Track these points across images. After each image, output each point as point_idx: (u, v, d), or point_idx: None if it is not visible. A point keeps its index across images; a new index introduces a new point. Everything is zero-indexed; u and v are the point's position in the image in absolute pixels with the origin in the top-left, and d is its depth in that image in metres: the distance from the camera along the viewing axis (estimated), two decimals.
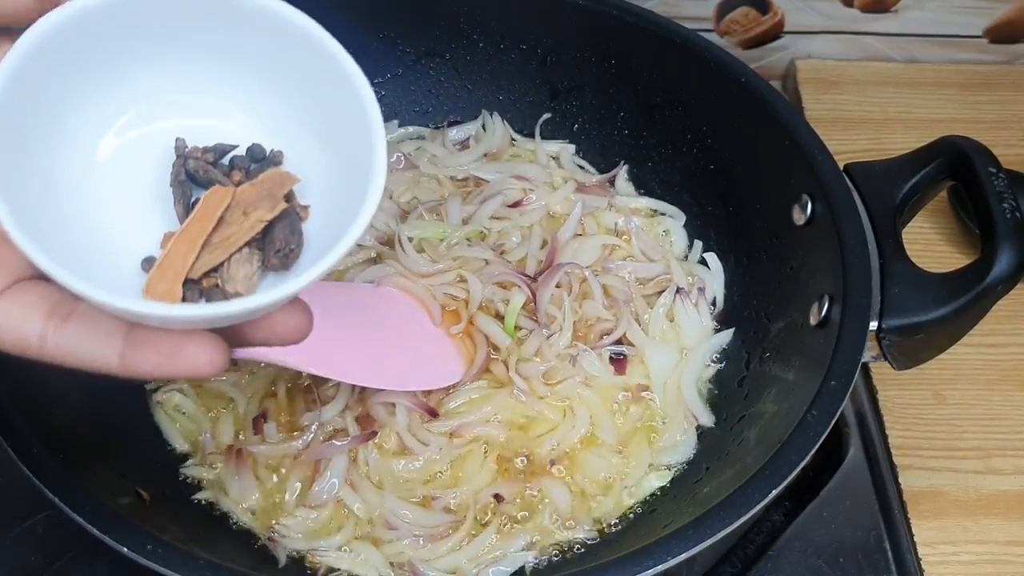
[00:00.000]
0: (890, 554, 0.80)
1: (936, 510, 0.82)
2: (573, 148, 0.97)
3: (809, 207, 0.76)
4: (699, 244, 0.90)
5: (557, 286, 0.83)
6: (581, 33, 0.91)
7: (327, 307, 0.77)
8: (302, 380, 0.78)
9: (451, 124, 0.98)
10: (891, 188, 0.74)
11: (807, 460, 0.62)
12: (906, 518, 0.81)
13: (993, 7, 1.12)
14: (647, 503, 0.76)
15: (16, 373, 0.65)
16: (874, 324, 0.68)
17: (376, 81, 0.97)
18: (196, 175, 0.48)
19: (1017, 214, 0.68)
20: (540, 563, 0.72)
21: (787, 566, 0.78)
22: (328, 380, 0.77)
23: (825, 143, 0.77)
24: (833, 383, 0.65)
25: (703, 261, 0.89)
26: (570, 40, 0.92)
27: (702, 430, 0.79)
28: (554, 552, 0.72)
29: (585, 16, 0.89)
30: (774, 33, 1.15)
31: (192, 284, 0.46)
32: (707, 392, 0.82)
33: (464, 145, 0.97)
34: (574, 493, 0.75)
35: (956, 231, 1.01)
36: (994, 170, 0.70)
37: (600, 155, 0.96)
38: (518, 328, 0.82)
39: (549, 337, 0.81)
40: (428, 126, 0.99)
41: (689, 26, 0.88)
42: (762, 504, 0.60)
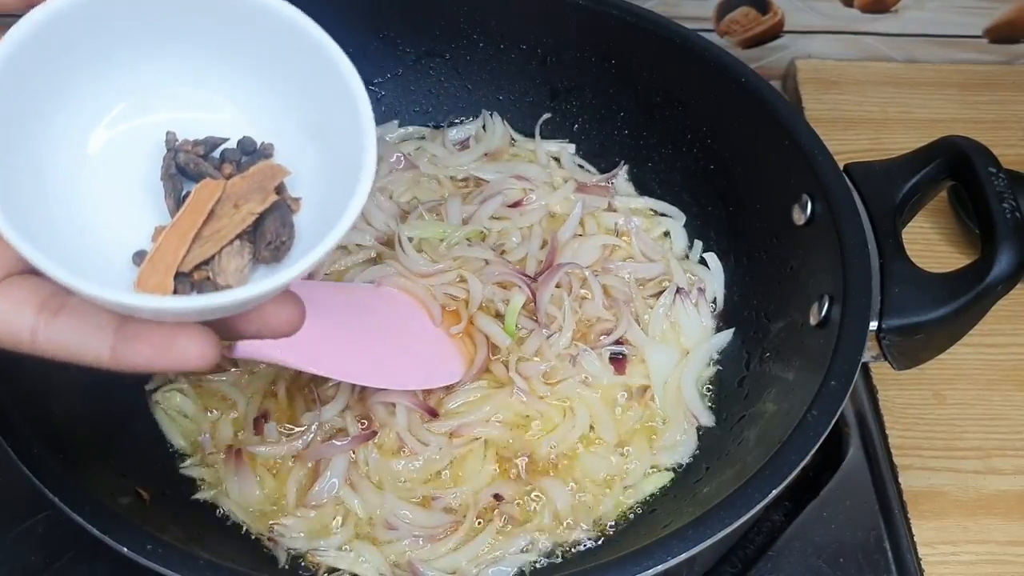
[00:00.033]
0: (890, 554, 0.80)
1: (936, 510, 0.82)
2: (573, 148, 0.97)
3: (809, 207, 0.76)
4: (699, 244, 0.90)
5: (557, 286, 0.83)
6: (581, 33, 0.91)
7: (327, 307, 0.77)
8: (302, 380, 0.78)
9: (451, 124, 0.98)
10: (891, 188, 0.74)
11: (807, 460, 0.62)
12: (906, 518, 0.81)
13: (993, 7, 1.12)
14: (647, 503, 0.76)
15: (16, 373, 0.65)
16: (874, 324, 0.68)
17: (376, 81, 0.97)
18: (187, 168, 0.48)
19: (1017, 214, 0.68)
20: (540, 563, 0.72)
21: (787, 566, 0.78)
22: (328, 380, 0.77)
23: (825, 143, 0.77)
24: (833, 383, 0.65)
25: (703, 261, 0.89)
26: (570, 40, 0.92)
27: (702, 430, 0.79)
28: (554, 552, 0.73)
29: (585, 16, 0.89)
30: (774, 33, 1.15)
31: (183, 277, 0.45)
32: (707, 392, 0.82)
33: (464, 145, 0.97)
34: (574, 493, 0.75)
35: (956, 231, 1.01)
36: (994, 170, 0.70)
37: (600, 155, 0.96)
38: (518, 328, 0.82)
39: (549, 337, 0.81)
40: (428, 126, 0.99)
41: (689, 26, 0.88)
42: (762, 504, 0.60)
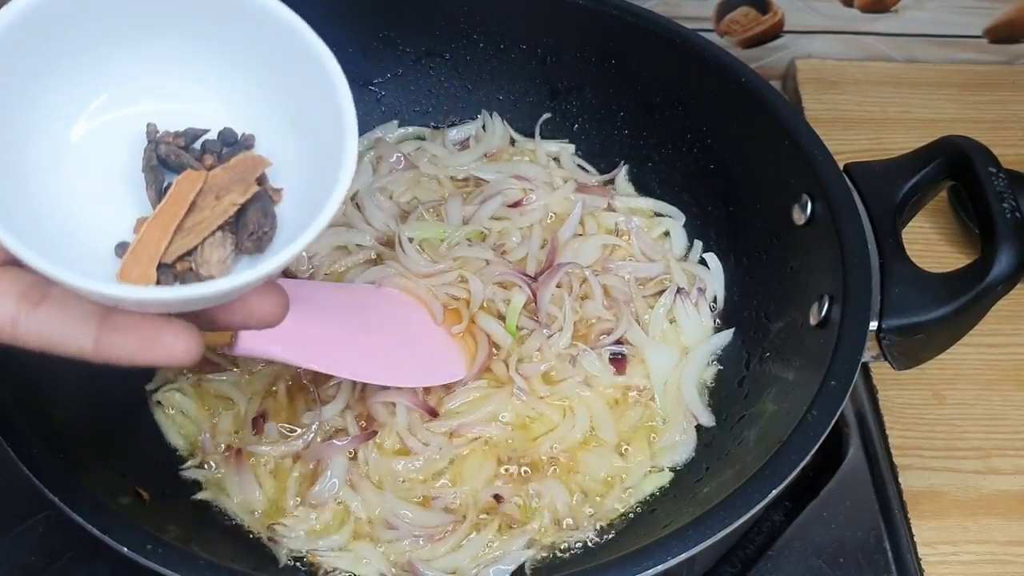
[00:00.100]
0: (890, 554, 0.80)
1: (936, 510, 0.82)
2: (573, 148, 0.96)
3: (809, 207, 0.76)
4: (699, 244, 0.90)
5: (558, 286, 0.83)
6: (581, 33, 0.91)
7: (328, 306, 0.77)
8: (302, 380, 0.78)
9: (451, 124, 0.98)
10: (891, 188, 0.74)
11: (807, 460, 0.62)
12: (906, 518, 0.81)
13: (993, 7, 1.12)
14: (647, 503, 0.76)
15: (16, 373, 0.65)
16: (874, 324, 0.68)
17: (376, 81, 0.97)
18: (168, 160, 0.48)
19: (1017, 214, 0.68)
20: (540, 563, 0.72)
21: (787, 566, 0.78)
22: (329, 380, 0.77)
23: (825, 143, 0.77)
24: (833, 383, 0.65)
25: (703, 261, 0.89)
26: (570, 40, 0.92)
27: (702, 430, 0.79)
28: (554, 552, 0.72)
29: (585, 16, 0.89)
30: (774, 33, 1.15)
31: (166, 268, 0.46)
32: (707, 392, 0.82)
33: (464, 145, 0.97)
34: (574, 493, 0.75)
35: (956, 231, 1.00)
36: (994, 170, 0.70)
37: (600, 155, 0.96)
38: (519, 328, 0.82)
39: (549, 337, 0.81)
40: (428, 126, 0.99)
41: (689, 26, 0.88)
42: (762, 504, 0.60)
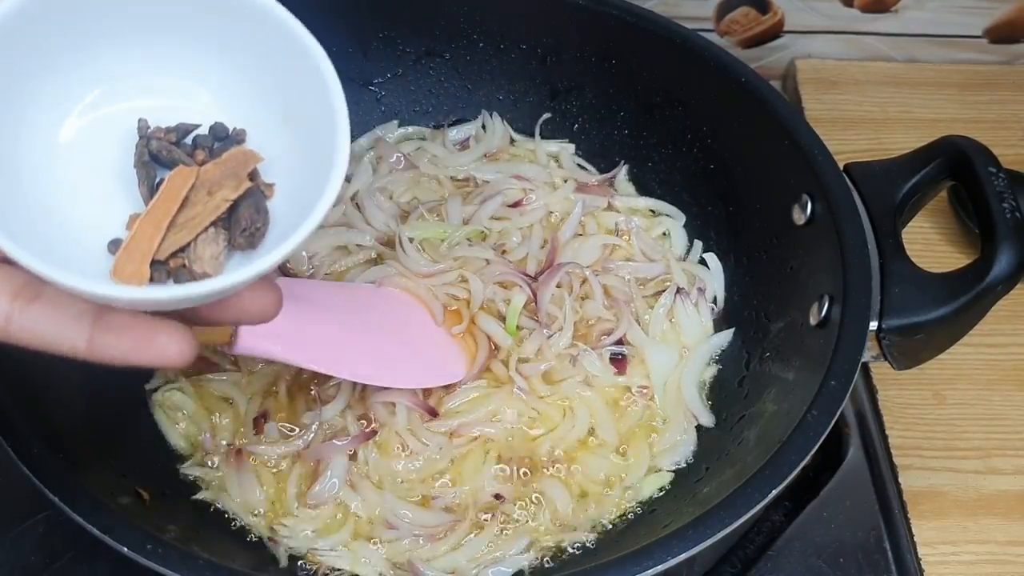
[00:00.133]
0: (890, 554, 0.80)
1: (936, 510, 0.82)
2: (573, 148, 0.97)
3: (809, 207, 0.76)
4: (699, 244, 0.90)
5: (558, 286, 0.83)
6: (581, 33, 0.91)
7: (329, 306, 0.77)
8: (303, 380, 0.78)
9: (451, 124, 0.98)
10: (891, 188, 0.74)
11: (807, 460, 0.62)
12: (906, 518, 0.81)
13: (993, 7, 1.12)
14: (647, 503, 0.76)
15: (16, 373, 0.65)
16: (874, 324, 0.68)
17: (376, 81, 0.97)
18: (159, 156, 0.48)
19: (1017, 214, 0.68)
20: (540, 563, 0.72)
21: (787, 566, 0.78)
22: (329, 379, 0.77)
23: (825, 143, 0.77)
24: (833, 383, 0.65)
25: (703, 261, 0.89)
26: (570, 40, 0.92)
27: (702, 430, 0.79)
28: (554, 552, 0.72)
29: (585, 16, 0.89)
30: (774, 33, 1.15)
31: (159, 265, 0.45)
32: (707, 392, 0.82)
33: (464, 145, 0.97)
34: (574, 493, 0.75)
35: (956, 231, 1.00)
36: (994, 170, 0.70)
37: (600, 155, 0.96)
38: (519, 328, 0.82)
39: (550, 337, 0.81)
40: (428, 126, 0.99)
41: (689, 26, 0.88)
42: (762, 504, 0.60)
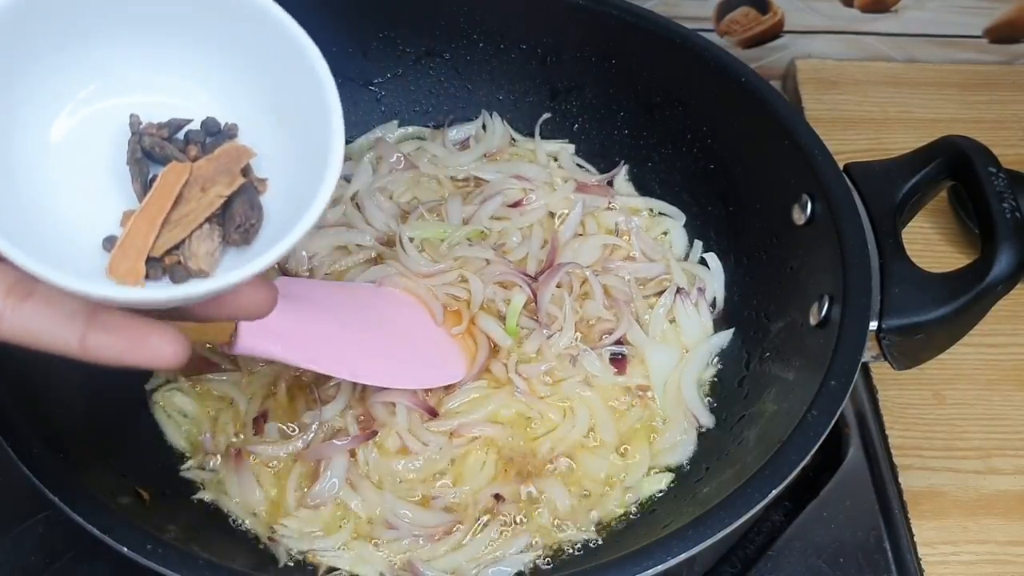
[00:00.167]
0: (890, 554, 0.80)
1: (936, 510, 0.82)
2: (573, 148, 0.96)
3: (809, 207, 0.76)
4: (699, 244, 0.90)
5: (558, 286, 0.83)
6: (581, 33, 0.91)
7: (329, 306, 0.77)
8: (303, 380, 0.78)
9: (451, 124, 0.98)
10: (891, 188, 0.74)
11: (807, 460, 0.62)
12: (906, 518, 0.81)
13: (993, 7, 1.12)
14: (647, 503, 0.76)
15: (16, 373, 0.65)
16: (874, 324, 0.68)
17: (376, 81, 0.97)
18: (152, 152, 0.48)
19: (1017, 214, 0.68)
20: (540, 563, 0.72)
21: (787, 566, 0.78)
22: (329, 380, 0.77)
23: (825, 143, 0.77)
24: (833, 383, 0.65)
25: (703, 261, 0.89)
26: (570, 40, 0.92)
27: (702, 430, 0.79)
28: (554, 552, 0.72)
29: (585, 16, 0.89)
30: (774, 33, 1.15)
31: (154, 262, 0.45)
32: (707, 392, 0.82)
33: (464, 145, 0.97)
34: (574, 493, 0.75)
35: (956, 231, 1.00)
36: (994, 170, 0.70)
37: (600, 155, 0.96)
38: (519, 327, 0.82)
39: (550, 337, 0.81)
40: (428, 126, 0.99)
41: (689, 26, 0.88)
42: (762, 504, 0.60)
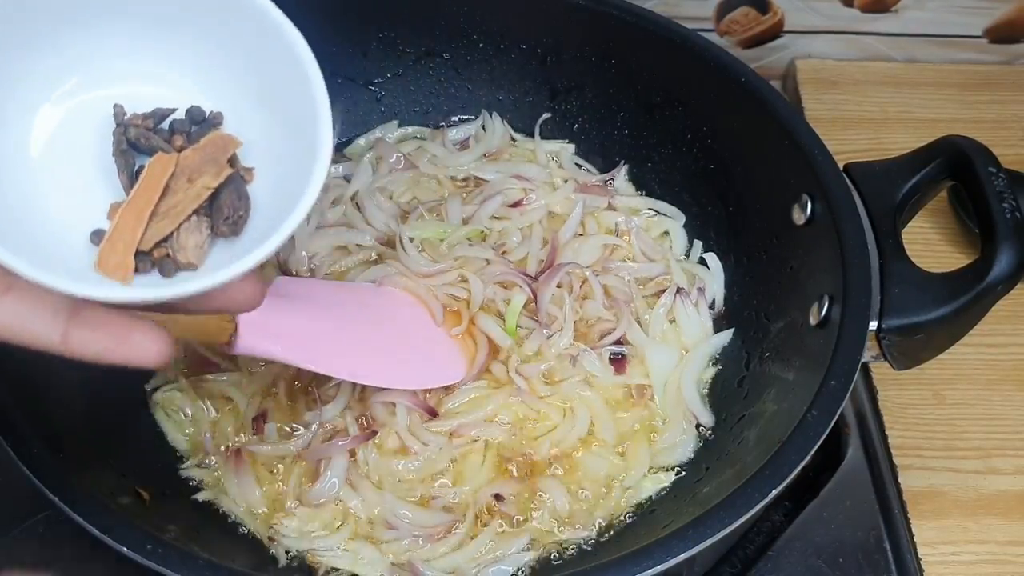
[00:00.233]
0: (890, 554, 0.79)
1: (936, 510, 0.82)
2: (573, 148, 0.97)
3: (809, 207, 0.76)
4: (699, 244, 0.90)
5: (558, 286, 0.83)
6: (581, 33, 0.91)
7: (329, 306, 0.77)
8: (303, 380, 0.78)
9: (451, 124, 0.98)
10: (891, 188, 0.74)
11: (807, 460, 0.62)
12: (906, 518, 0.81)
13: (993, 7, 1.12)
14: (647, 503, 0.76)
15: (16, 373, 0.65)
16: (874, 324, 0.68)
17: (376, 81, 0.97)
18: (138, 143, 0.47)
19: (1017, 214, 0.68)
20: (540, 563, 0.72)
21: (787, 566, 0.78)
22: (329, 380, 0.77)
23: (825, 143, 0.77)
24: (833, 383, 0.65)
25: (703, 261, 0.89)
26: (570, 40, 0.92)
27: (702, 430, 0.79)
28: (554, 552, 0.72)
29: (585, 16, 0.89)
30: (774, 33, 1.15)
31: (143, 256, 0.45)
32: (707, 392, 0.82)
33: (464, 145, 0.97)
34: (574, 493, 0.75)
35: (956, 231, 1.00)
36: (994, 170, 0.70)
37: (600, 155, 0.96)
38: (519, 328, 0.82)
39: (549, 337, 0.81)
40: (428, 126, 0.99)
41: (689, 26, 0.88)
42: (762, 504, 0.60)
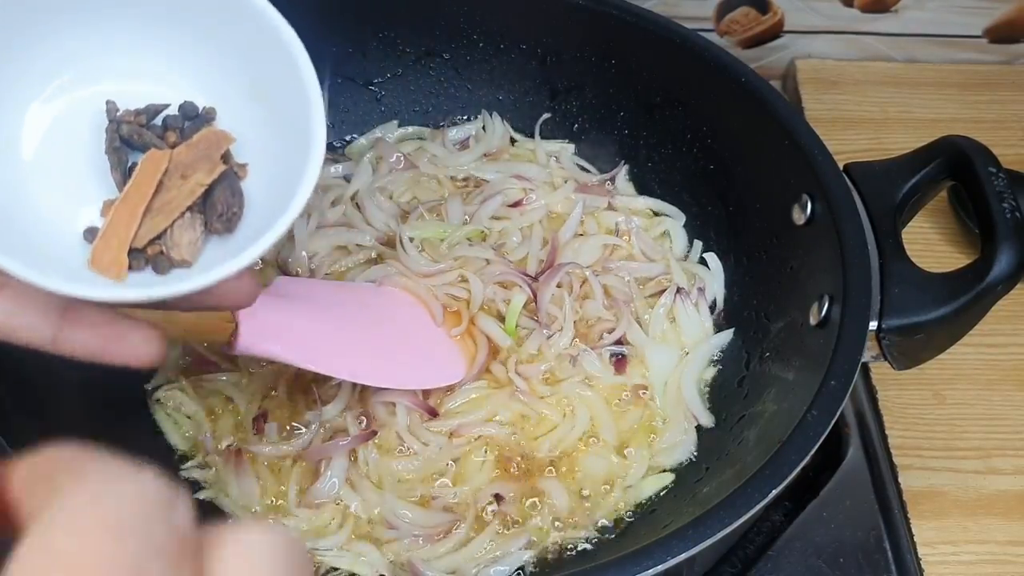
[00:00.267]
0: (890, 554, 0.79)
1: (936, 510, 0.82)
2: (573, 148, 0.96)
3: (809, 207, 0.76)
4: (699, 244, 0.90)
5: (558, 286, 0.83)
6: (581, 33, 0.91)
7: (329, 305, 0.77)
8: (303, 380, 0.78)
9: (451, 124, 0.98)
10: (891, 188, 0.74)
11: (807, 460, 0.62)
12: (906, 518, 0.81)
13: (993, 7, 1.12)
14: (647, 503, 0.76)
15: (16, 373, 0.65)
16: (874, 324, 0.68)
17: (376, 81, 0.97)
18: (131, 140, 0.47)
19: (1017, 214, 0.68)
20: (540, 563, 0.72)
21: (787, 566, 0.78)
22: (329, 380, 0.77)
23: (825, 143, 0.77)
24: (833, 383, 0.65)
25: (703, 261, 0.89)
26: (570, 40, 0.92)
27: (702, 430, 0.79)
28: (554, 552, 0.72)
29: (585, 16, 0.89)
30: (774, 33, 1.15)
31: (137, 253, 0.45)
32: (707, 392, 0.82)
33: (464, 145, 0.97)
34: (574, 493, 0.75)
35: (956, 231, 1.00)
36: (994, 170, 0.70)
37: (600, 155, 0.96)
38: (519, 328, 0.82)
39: (549, 337, 0.81)
40: (428, 126, 0.99)
41: (689, 26, 0.88)
42: (762, 504, 0.60)
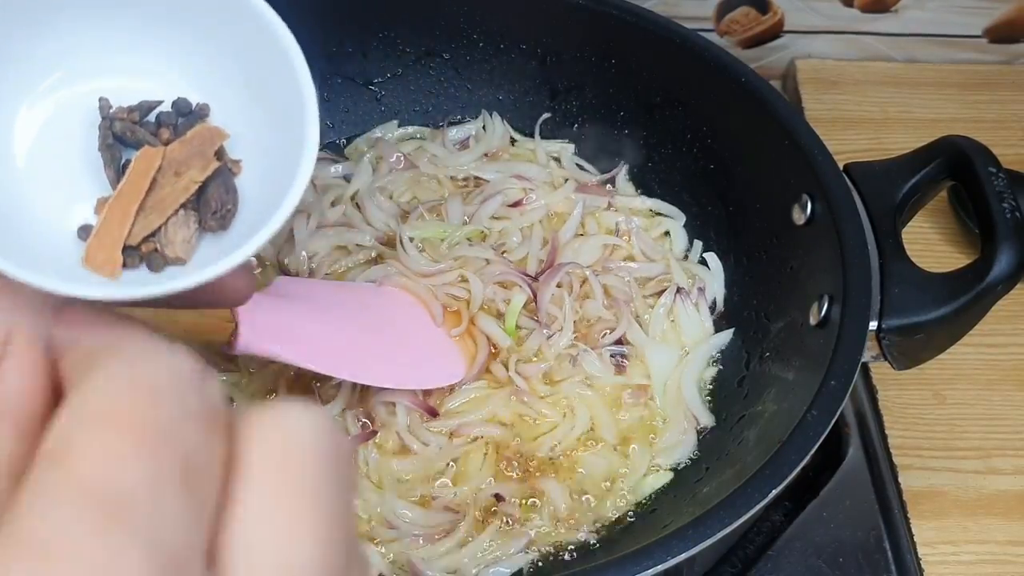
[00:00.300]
0: (890, 554, 0.80)
1: (936, 510, 0.82)
2: (573, 148, 0.96)
3: (809, 207, 0.76)
4: (699, 244, 0.90)
5: (558, 286, 0.83)
6: (581, 33, 0.91)
7: (329, 305, 0.77)
8: (303, 380, 0.78)
9: (451, 124, 0.98)
10: (891, 188, 0.74)
11: (807, 460, 0.62)
12: (906, 518, 0.81)
13: (993, 7, 1.12)
14: (647, 503, 0.76)
15: None
16: (874, 324, 0.68)
17: (376, 81, 0.97)
18: (124, 137, 0.47)
19: (1017, 214, 0.68)
20: (540, 563, 0.72)
21: (787, 566, 0.78)
22: (329, 379, 0.77)
23: (825, 143, 0.77)
24: (833, 383, 0.65)
25: (703, 261, 0.89)
26: (570, 40, 0.92)
27: (702, 430, 0.79)
28: (554, 552, 0.72)
29: (585, 16, 0.89)
30: (774, 33, 1.15)
31: (131, 251, 0.45)
32: (707, 392, 0.82)
33: (464, 145, 0.97)
34: (574, 493, 0.75)
35: (956, 231, 1.00)
36: (994, 170, 0.70)
37: (600, 155, 0.96)
38: (519, 328, 0.82)
39: (549, 337, 0.81)
40: (428, 126, 0.99)
41: (689, 26, 0.88)
42: (762, 504, 0.60)
